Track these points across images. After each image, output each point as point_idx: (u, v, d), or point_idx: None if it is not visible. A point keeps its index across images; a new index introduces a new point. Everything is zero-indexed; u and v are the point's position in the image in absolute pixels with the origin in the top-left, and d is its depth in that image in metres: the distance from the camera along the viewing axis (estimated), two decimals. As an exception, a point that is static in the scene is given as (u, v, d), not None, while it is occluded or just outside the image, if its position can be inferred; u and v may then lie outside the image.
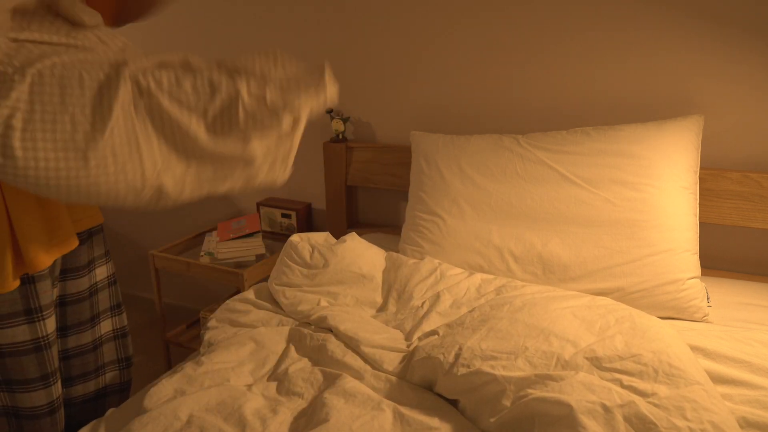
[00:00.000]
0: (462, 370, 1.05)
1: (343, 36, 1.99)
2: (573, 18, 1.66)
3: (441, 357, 1.10)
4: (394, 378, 1.14)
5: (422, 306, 1.40)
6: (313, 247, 1.59)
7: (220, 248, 1.99)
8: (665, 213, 1.42)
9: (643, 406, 0.89)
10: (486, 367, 1.03)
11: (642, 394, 0.95)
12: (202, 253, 2.03)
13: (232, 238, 2.01)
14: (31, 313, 1.11)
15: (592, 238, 1.44)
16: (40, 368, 1.14)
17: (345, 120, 1.99)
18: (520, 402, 0.94)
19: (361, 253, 1.58)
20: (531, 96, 1.78)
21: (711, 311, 1.38)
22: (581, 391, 0.92)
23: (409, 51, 1.91)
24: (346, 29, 1.97)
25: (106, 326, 1.35)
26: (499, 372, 1.01)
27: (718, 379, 1.08)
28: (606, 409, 0.88)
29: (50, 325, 1.15)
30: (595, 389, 0.92)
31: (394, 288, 1.49)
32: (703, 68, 1.57)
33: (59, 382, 1.19)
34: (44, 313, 1.13)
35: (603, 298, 1.31)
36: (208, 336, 1.38)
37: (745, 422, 0.97)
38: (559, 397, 0.91)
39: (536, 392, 0.94)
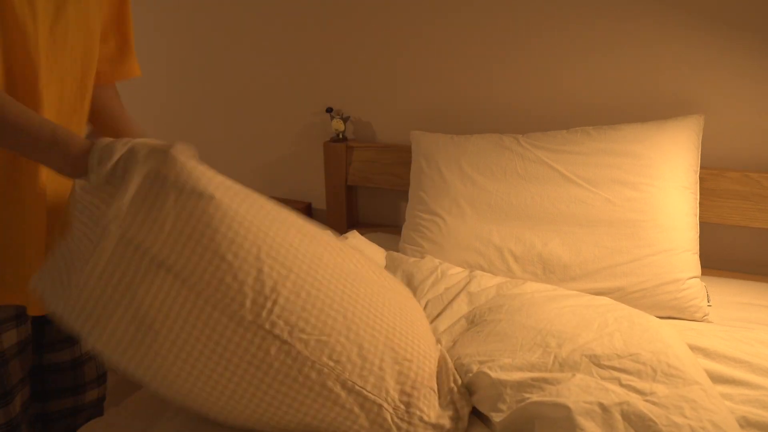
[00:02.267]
0: (464, 377, 1.05)
1: (343, 35, 1.99)
2: (573, 17, 1.66)
3: None
4: None
5: (424, 307, 1.39)
6: None
7: (220, 248, 1.98)
8: (665, 213, 1.41)
9: (642, 404, 0.89)
10: (485, 369, 1.03)
11: (640, 392, 0.94)
12: (202, 253, 2.03)
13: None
14: None
15: (593, 237, 1.44)
16: (1, 385, 1.08)
17: (345, 119, 1.99)
18: (518, 406, 0.94)
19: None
20: (531, 96, 1.78)
21: (711, 311, 1.38)
22: (578, 393, 0.92)
23: (409, 50, 1.90)
24: (346, 29, 1.97)
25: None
26: (496, 374, 1.01)
27: (718, 379, 1.08)
28: (604, 408, 0.87)
29: (7, 340, 1.09)
30: (592, 391, 0.92)
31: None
32: (704, 68, 1.57)
33: (18, 397, 1.12)
34: (4, 326, 1.08)
35: (602, 297, 1.31)
36: None
37: (745, 422, 0.96)
38: (556, 399, 0.90)
39: (534, 396, 0.94)
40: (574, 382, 0.95)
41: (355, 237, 1.64)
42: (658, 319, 1.21)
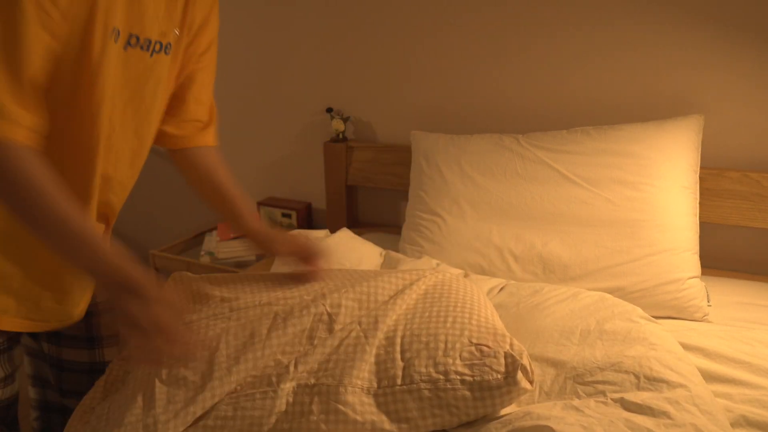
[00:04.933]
0: None
1: (343, 35, 1.99)
2: (573, 17, 1.66)
3: None
4: None
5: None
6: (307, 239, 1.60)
7: (220, 248, 1.99)
8: (665, 213, 1.42)
9: (623, 423, 0.88)
10: None
11: (626, 402, 0.94)
12: (202, 253, 2.03)
13: (233, 238, 2.01)
14: None
15: (593, 237, 1.44)
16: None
17: (345, 120, 1.99)
18: None
19: (352, 248, 1.57)
20: (531, 95, 1.78)
21: (711, 311, 1.38)
22: (561, 418, 0.91)
23: (409, 50, 1.90)
24: (347, 29, 1.97)
25: (110, 354, 1.25)
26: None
27: (718, 379, 1.08)
28: (585, 427, 0.87)
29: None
30: (575, 417, 0.91)
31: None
32: (704, 67, 1.57)
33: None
34: None
35: (589, 295, 1.28)
36: None
37: (745, 421, 0.97)
38: (537, 423, 0.89)
39: (515, 423, 0.92)
40: (556, 409, 0.94)
41: (344, 232, 1.65)
42: (641, 312, 1.20)
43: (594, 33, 1.65)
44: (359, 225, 2.09)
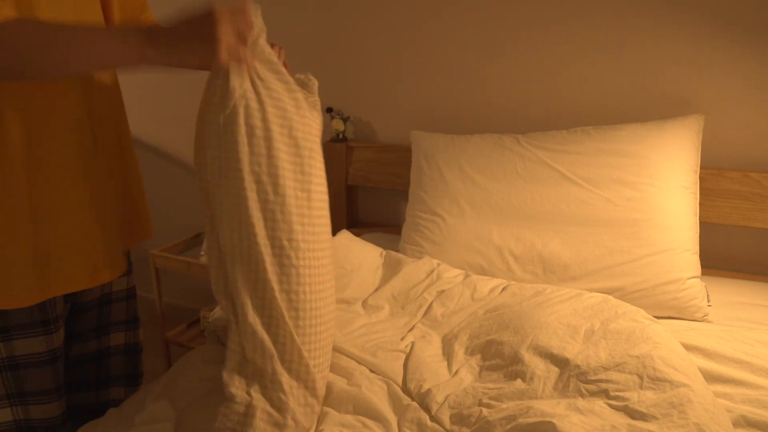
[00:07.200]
0: (451, 411, 1.04)
1: (343, 36, 1.99)
2: (573, 18, 1.66)
3: (432, 405, 1.06)
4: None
5: (416, 314, 1.39)
6: None
7: (220, 248, 1.98)
8: (665, 212, 1.42)
9: (626, 428, 0.88)
10: (484, 413, 1.00)
11: (629, 401, 0.94)
12: (202, 253, 2.03)
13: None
14: (48, 324, 1.09)
15: (593, 237, 1.44)
16: (55, 380, 1.12)
17: (345, 120, 1.99)
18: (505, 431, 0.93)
19: (353, 250, 1.57)
20: (531, 95, 1.78)
21: (711, 311, 1.38)
22: (566, 418, 0.92)
23: (409, 50, 1.90)
24: (346, 29, 1.97)
25: (116, 338, 1.30)
26: (487, 411, 0.99)
27: (718, 379, 1.08)
28: (588, 431, 0.87)
29: (62, 337, 1.14)
30: (580, 419, 0.92)
31: (389, 288, 1.48)
32: (704, 68, 1.57)
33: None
34: (59, 323, 1.12)
35: (592, 296, 1.29)
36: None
37: (744, 421, 0.97)
38: (541, 419, 0.90)
39: (520, 419, 0.93)
40: (560, 407, 0.95)
41: (344, 235, 1.65)
42: (645, 314, 1.20)
43: (594, 33, 1.65)
44: (359, 225, 2.09)
